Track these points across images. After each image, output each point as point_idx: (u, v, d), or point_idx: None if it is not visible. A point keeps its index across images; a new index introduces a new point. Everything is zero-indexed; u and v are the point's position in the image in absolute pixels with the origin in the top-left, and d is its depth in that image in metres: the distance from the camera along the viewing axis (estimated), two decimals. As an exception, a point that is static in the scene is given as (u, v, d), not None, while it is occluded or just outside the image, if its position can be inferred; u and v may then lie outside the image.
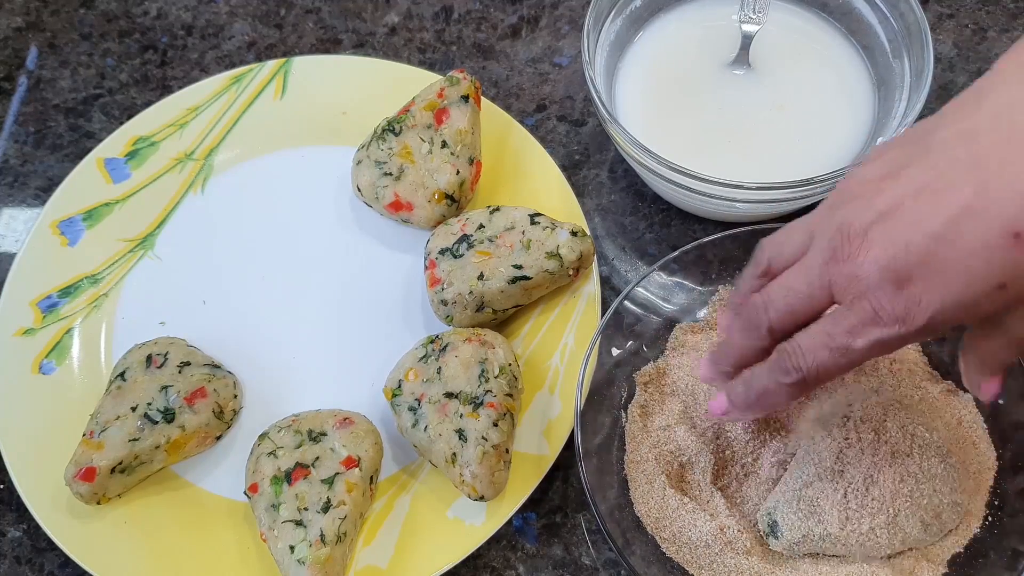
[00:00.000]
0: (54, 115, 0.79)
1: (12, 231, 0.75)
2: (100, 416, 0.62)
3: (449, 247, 0.65)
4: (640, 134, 0.63)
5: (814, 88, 0.70)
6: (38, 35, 0.82)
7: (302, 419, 0.62)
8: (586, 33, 0.66)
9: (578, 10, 0.81)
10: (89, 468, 0.60)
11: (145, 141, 0.74)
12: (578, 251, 0.64)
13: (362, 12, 0.82)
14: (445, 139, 0.68)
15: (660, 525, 0.58)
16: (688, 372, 0.62)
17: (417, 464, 0.64)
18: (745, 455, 0.59)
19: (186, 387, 0.63)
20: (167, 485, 0.64)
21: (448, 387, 0.60)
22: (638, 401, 0.62)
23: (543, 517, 0.63)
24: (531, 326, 0.66)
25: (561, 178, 0.70)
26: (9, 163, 0.77)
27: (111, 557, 0.61)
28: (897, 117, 0.65)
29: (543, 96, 0.77)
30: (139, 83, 0.80)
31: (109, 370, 0.67)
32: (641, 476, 0.59)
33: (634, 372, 0.63)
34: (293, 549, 0.58)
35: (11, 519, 0.65)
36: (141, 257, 0.71)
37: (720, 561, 0.57)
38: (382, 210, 0.69)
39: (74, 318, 0.69)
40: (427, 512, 0.61)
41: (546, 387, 0.64)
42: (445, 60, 0.79)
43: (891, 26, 0.68)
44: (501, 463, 0.58)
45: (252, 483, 0.60)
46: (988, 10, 0.79)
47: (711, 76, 0.70)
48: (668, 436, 0.60)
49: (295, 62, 0.76)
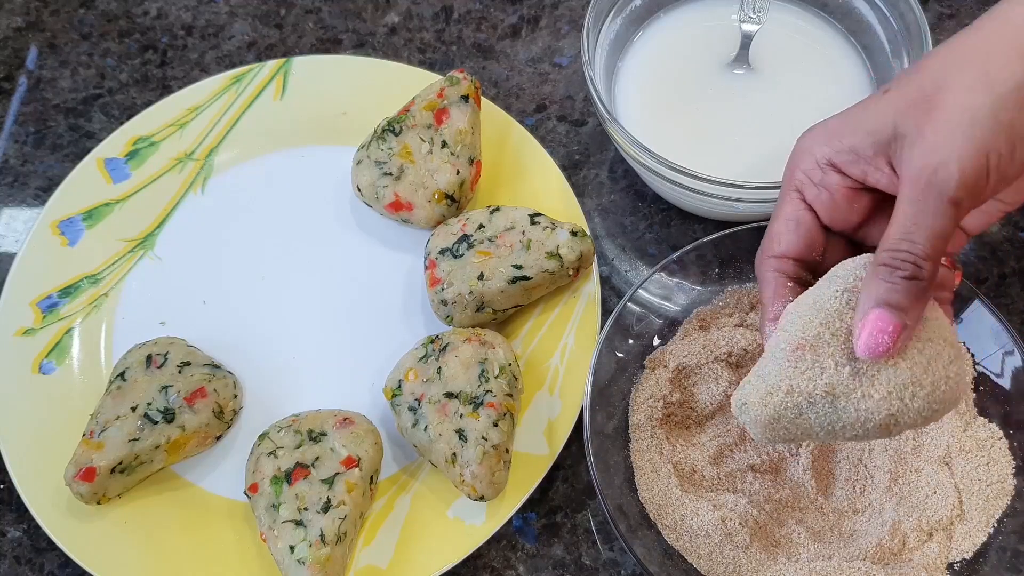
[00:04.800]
0: (54, 115, 0.79)
1: (12, 231, 0.75)
2: (100, 416, 0.62)
3: (449, 247, 0.65)
4: (640, 134, 0.63)
5: (814, 88, 0.70)
6: (38, 35, 0.82)
7: (302, 419, 0.62)
8: (586, 33, 0.66)
9: (578, 10, 0.81)
10: (89, 468, 0.60)
11: (145, 141, 0.74)
12: (578, 251, 0.64)
13: (362, 12, 0.82)
14: (445, 139, 0.68)
15: (663, 512, 0.58)
16: (694, 355, 0.62)
17: (417, 464, 0.64)
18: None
19: (186, 387, 0.63)
20: (167, 485, 0.64)
21: (448, 387, 0.60)
22: (643, 390, 0.62)
23: (543, 517, 0.63)
24: (531, 326, 0.66)
25: (561, 178, 0.70)
26: (9, 163, 0.77)
27: (111, 557, 0.61)
28: (897, 117, 0.65)
29: (543, 96, 0.77)
30: (139, 83, 0.80)
31: (109, 370, 0.67)
32: (647, 465, 0.60)
33: (634, 373, 0.63)
34: (293, 549, 0.58)
35: (11, 519, 0.65)
36: (141, 257, 0.71)
37: (719, 552, 0.57)
38: (382, 210, 0.69)
39: (74, 318, 0.69)
40: (427, 512, 0.61)
41: (546, 387, 0.64)
42: (445, 60, 0.79)
43: (891, 26, 0.68)
44: (501, 463, 0.59)
45: (252, 483, 0.60)
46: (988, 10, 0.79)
47: (711, 76, 0.70)
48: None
49: (295, 62, 0.76)
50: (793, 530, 0.59)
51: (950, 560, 0.57)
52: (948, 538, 0.58)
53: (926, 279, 0.43)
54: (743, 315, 0.64)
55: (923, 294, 0.44)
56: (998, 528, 0.57)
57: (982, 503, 0.58)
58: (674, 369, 0.62)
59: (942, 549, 0.57)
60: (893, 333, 0.43)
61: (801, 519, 0.60)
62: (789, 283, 0.49)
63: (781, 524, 0.60)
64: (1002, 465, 0.58)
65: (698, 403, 0.62)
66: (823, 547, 0.58)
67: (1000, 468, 0.58)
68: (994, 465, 0.59)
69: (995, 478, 0.58)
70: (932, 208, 0.43)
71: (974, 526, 0.58)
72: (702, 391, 0.63)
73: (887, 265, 0.43)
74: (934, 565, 0.57)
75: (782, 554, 0.58)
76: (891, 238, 0.44)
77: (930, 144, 0.44)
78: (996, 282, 0.69)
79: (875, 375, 0.45)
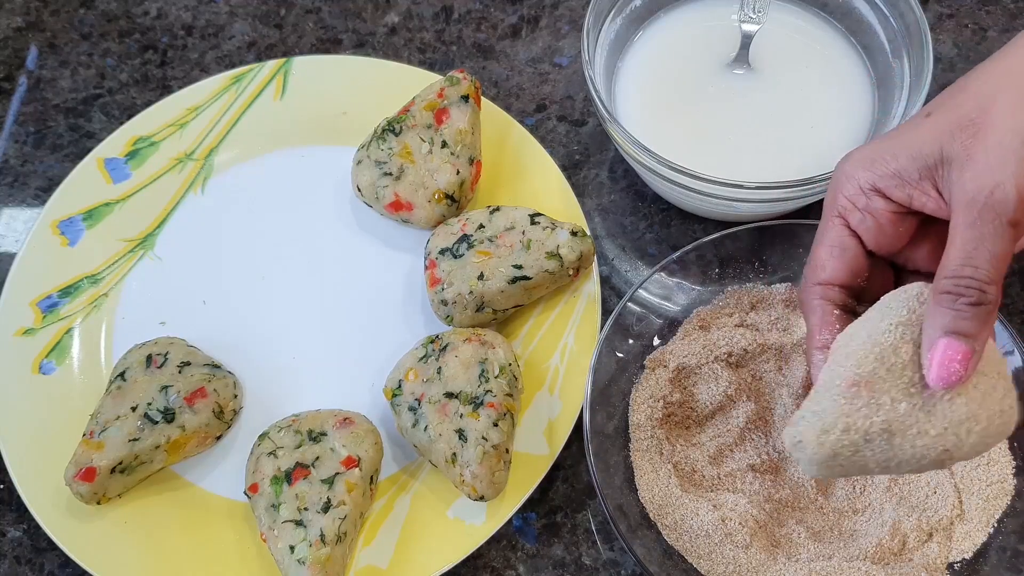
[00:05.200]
0: (54, 115, 0.79)
1: (12, 231, 0.75)
2: (100, 416, 0.62)
3: (449, 247, 0.65)
4: (640, 134, 0.63)
5: (814, 88, 0.70)
6: (38, 35, 0.82)
7: (302, 419, 0.62)
8: (586, 33, 0.66)
9: (578, 10, 0.80)
10: (89, 468, 0.60)
11: (145, 141, 0.74)
12: (578, 251, 0.64)
13: (362, 12, 0.82)
14: (445, 139, 0.68)
15: (663, 512, 0.58)
16: (694, 355, 0.62)
17: (417, 464, 0.64)
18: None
19: (186, 387, 0.63)
20: (167, 485, 0.64)
21: (448, 387, 0.60)
22: (643, 390, 0.62)
23: (543, 517, 0.63)
24: (531, 326, 0.66)
25: (561, 178, 0.70)
26: (9, 163, 0.77)
27: (111, 557, 0.61)
28: (896, 117, 0.65)
29: (543, 96, 0.77)
30: (139, 83, 0.80)
31: (109, 370, 0.67)
32: (647, 465, 0.60)
33: (634, 373, 0.63)
34: (293, 549, 0.58)
35: (11, 519, 0.65)
36: (141, 257, 0.71)
37: (719, 552, 0.57)
38: (382, 210, 0.69)
39: (74, 318, 0.69)
40: (427, 512, 0.61)
41: (546, 387, 0.64)
42: (445, 60, 0.79)
43: (891, 26, 0.68)
44: (501, 463, 0.59)
45: (252, 483, 0.60)
46: (988, 10, 0.79)
47: (711, 76, 0.70)
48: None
49: (295, 62, 0.76)
50: (793, 530, 0.59)
51: (950, 560, 0.57)
52: (948, 538, 0.58)
53: (992, 303, 0.43)
54: (743, 315, 0.64)
55: (989, 318, 0.43)
56: (998, 528, 0.57)
57: (982, 503, 0.58)
58: (674, 369, 0.62)
59: (942, 549, 0.57)
60: (963, 361, 0.43)
61: (801, 519, 0.60)
62: (835, 311, 0.49)
63: (781, 524, 0.60)
64: (1002, 465, 0.58)
65: (698, 403, 0.63)
66: (823, 547, 0.58)
67: (1000, 468, 0.58)
68: (994, 465, 0.59)
69: (995, 478, 0.58)
70: (991, 231, 0.43)
71: (974, 526, 0.58)
72: (702, 391, 0.63)
73: (950, 293, 0.43)
74: (934, 565, 0.57)
75: (782, 554, 0.58)
76: (951, 264, 0.43)
77: (982, 166, 0.43)
78: (996, 282, 0.69)
79: (931, 410, 0.44)
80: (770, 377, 0.63)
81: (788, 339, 0.63)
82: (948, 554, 0.57)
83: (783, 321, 0.64)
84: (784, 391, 0.63)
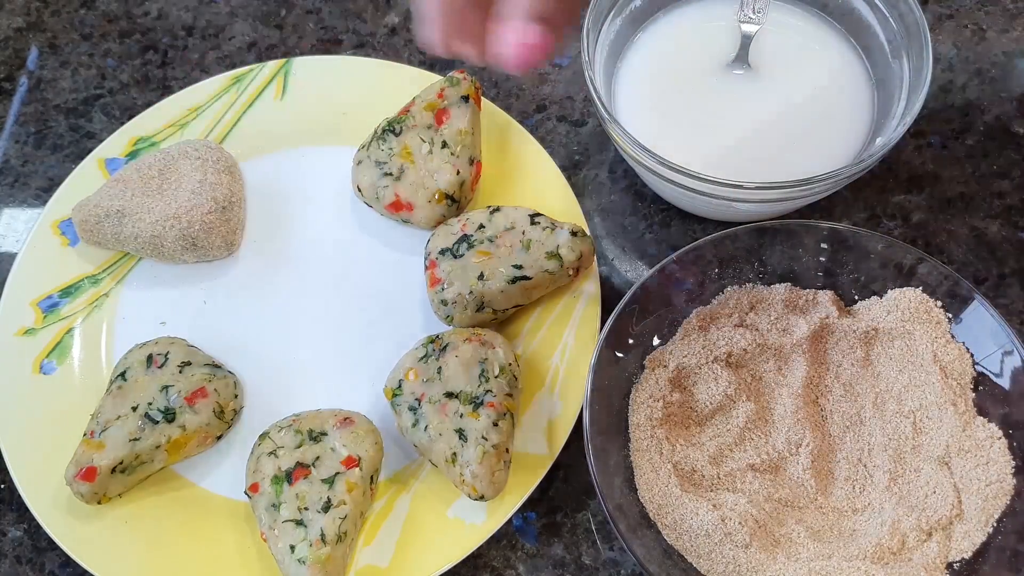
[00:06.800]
0: (55, 115, 0.79)
1: (13, 231, 0.75)
2: (101, 416, 0.62)
3: (449, 247, 0.65)
4: (640, 134, 0.63)
5: (813, 88, 0.70)
6: (39, 35, 0.83)
7: (302, 419, 0.63)
8: (586, 33, 0.66)
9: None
10: (90, 468, 0.60)
11: (146, 141, 0.74)
12: (578, 251, 0.64)
13: (362, 12, 0.82)
14: (445, 139, 0.68)
15: (662, 512, 0.58)
16: (694, 355, 0.63)
17: (417, 464, 0.64)
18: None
19: (187, 387, 0.63)
20: (167, 485, 0.64)
21: (448, 387, 0.60)
22: (643, 390, 0.62)
23: (543, 517, 0.63)
24: (531, 326, 0.67)
25: (561, 178, 0.70)
26: (9, 163, 0.77)
27: (111, 557, 0.61)
28: (896, 117, 0.65)
29: (543, 96, 0.77)
30: (140, 83, 0.80)
31: (110, 370, 0.67)
32: (647, 464, 0.60)
33: (634, 373, 0.63)
34: (293, 549, 0.58)
35: (11, 519, 0.65)
36: (141, 257, 0.71)
37: (719, 551, 0.57)
38: (382, 210, 0.69)
39: (75, 318, 0.69)
40: (427, 512, 0.61)
41: (546, 387, 0.64)
42: (445, 60, 0.79)
43: (890, 26, 0.68)
44: (501, 463, 0.59)
45: (252, 483, 0.60)
46: (988, 10, 0.79)
47: (711, 76, 0.70)
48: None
49: (295, 62, 0.76)
50: (793, 529, 0.59)
51: (949, 560, 0.57)
52: (947, 538, 0.58)
53: None
54: (743, 315, 0.64)
55: None
56: (997, 528, 0.57)
57: (981, 503, 0.58)
58: (674, 369, 0.62)
59: (941, 549, 0.57)
60: None
61: (801, 518, 0.60)
62: None
63: (781, 523, 0.60)
64: (1001, 465, 0.58)
65: (698, 403, 0.63)
66: (823, 546, 0.59)
67: (999, 468, 0.58)
68: (993, 465, 0.59)
69: (994, 478, 0.58)
70: None
71: (973, 526, 0.58)
72: (702, 391, 0.63)
73: None
74: (933, 565, 0.57)
75: (782, 553, 0.58)
76: None
77: None
78: (996, 282, 0.69)
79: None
80: (770, 377, 0.64)
81: (788, 339, 0.63)
82: (947, 554, 0.57)
83: (783, 321, 0.64)
84: (784, 391, 0.63)
